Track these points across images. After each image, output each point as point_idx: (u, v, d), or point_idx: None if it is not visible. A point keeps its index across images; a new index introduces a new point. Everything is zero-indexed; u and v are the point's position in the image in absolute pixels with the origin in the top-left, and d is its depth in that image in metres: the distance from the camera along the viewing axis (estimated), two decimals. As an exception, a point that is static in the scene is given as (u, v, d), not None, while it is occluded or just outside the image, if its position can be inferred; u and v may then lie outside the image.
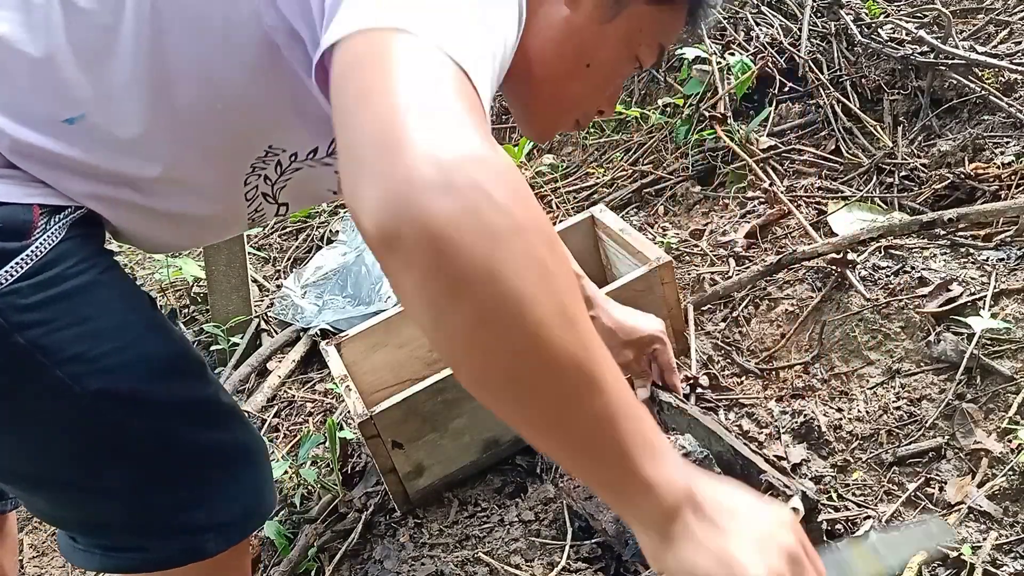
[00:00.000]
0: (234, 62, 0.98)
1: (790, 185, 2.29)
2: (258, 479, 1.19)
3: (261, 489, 1.19)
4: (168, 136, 1.02)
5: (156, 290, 2.95)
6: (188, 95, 0.99)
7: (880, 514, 1.46)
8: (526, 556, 1.60)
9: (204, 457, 1.11)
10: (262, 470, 1.19)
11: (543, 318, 0.63)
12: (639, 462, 0.73)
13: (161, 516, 1.11)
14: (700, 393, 1.80)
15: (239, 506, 1.16)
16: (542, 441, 0.72)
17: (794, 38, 2.60)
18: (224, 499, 1.14)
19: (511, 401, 0.68)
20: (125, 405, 1.02)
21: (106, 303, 1.02)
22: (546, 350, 0.64)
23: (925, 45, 2.30)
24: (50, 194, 1.01)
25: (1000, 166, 1.99)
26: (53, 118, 0.98)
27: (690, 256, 2.22)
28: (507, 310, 0.62)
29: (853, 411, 1.66)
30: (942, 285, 1.74)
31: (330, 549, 1.78)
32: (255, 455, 1.18)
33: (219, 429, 1.13)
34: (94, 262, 1.02)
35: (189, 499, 1.11)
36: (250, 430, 1.19)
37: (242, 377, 2.46)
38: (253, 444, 1.18)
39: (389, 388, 1.86)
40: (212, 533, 1.13)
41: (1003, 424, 1.51)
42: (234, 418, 1.16)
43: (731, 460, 1.42)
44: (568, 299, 0.66)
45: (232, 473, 1.15)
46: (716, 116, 2.52)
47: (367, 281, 2.58)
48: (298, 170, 1.13)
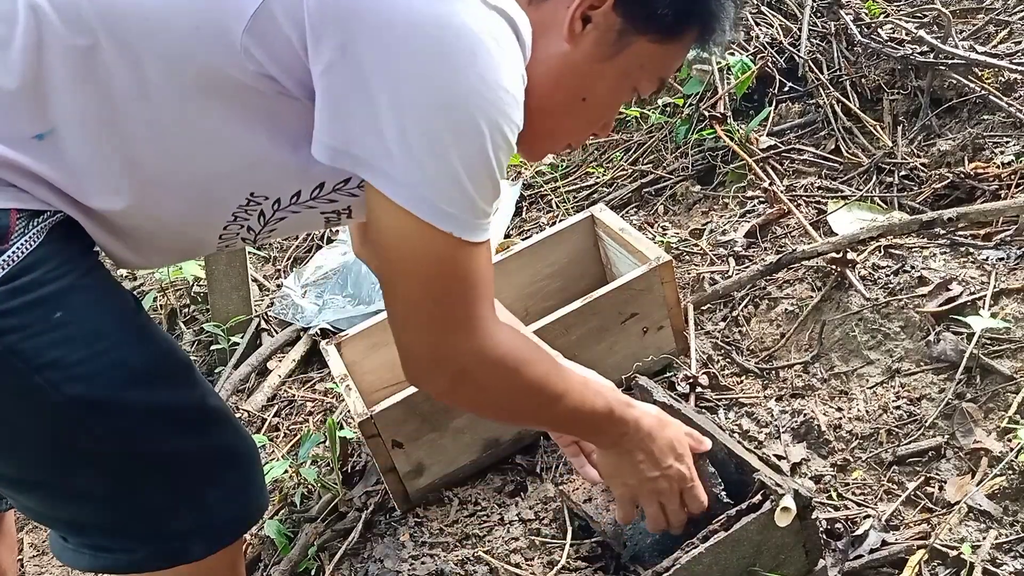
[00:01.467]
0: (206, 112, 1.00)
1: (790, 185, 2.29)
2: (244, 483, 1.17)
3: (248, 493, 1.18)
4: (136, 178, 1.03)
5: (156, 290, 2.95)
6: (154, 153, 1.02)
7: (880, 513, 1.46)
8: (526, 555, 1.60)
9: (184, 462, 1.11)
10: (249, 474, 1.18)
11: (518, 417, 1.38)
12: (599, 429, 1.29)
13: (143, 520, 1.11)
14: (700, 393, 1.80)
15: (224, 510, 1.15)
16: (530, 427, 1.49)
17: (794, 38, 2.60)
18: (207, 503, 1.13)
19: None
20: (102, 411, 1.02)
21: (84, 308, 1.01)
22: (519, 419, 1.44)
23: (925, 45, 2.30)
24: (28, 199, 1.00)
25: (1000, 165, 1.99)
26: (24, 135, 0.98)
27: (690, 255, 2.22)
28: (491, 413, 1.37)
29: (853, 410, 1.66)
30: (942, 285, 1.74)
31: (330, 548, 1.78)
32: (240, 459, 1.17)
33: (200, 434, 1.12)
34: (73, 266, 1.02)
35: (170, 503, 1.11)
36: (237, 434, 1.17)
37: (242, 377, 2.46)
38: (239, 448, 1.17)
39: (389, 388, 1.86)
40: (197, 537, 1.13)
41: (1003, 423, 1.51)
42: (218, 422, 1.15)
43: (725, 459, 1.43)
44: (532, 405, 1.20)
45: (214, 478, 1.14)
46: (716, 116, 2.52)
47: (367, 280, 2.58)
48: (282, 219, 1.14)
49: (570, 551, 1.57)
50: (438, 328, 1.05)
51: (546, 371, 1.16)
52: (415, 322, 1.06)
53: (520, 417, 1.34)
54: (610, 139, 2.85)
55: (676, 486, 1.34)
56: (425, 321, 1.06)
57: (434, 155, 0.95)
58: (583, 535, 1.60)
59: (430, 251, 1.00)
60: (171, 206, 1.07)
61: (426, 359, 1.08)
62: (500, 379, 1.12)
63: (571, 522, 1.61)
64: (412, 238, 0.99)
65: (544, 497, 1.71)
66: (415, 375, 1.11)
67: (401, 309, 1.07)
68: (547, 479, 1.74)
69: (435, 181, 0.96)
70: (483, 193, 0.99)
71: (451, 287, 1.03)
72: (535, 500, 1.71)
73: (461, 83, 0.94)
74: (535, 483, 1.75)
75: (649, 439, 1.31)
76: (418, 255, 1.01)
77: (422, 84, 0.93)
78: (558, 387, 1.18)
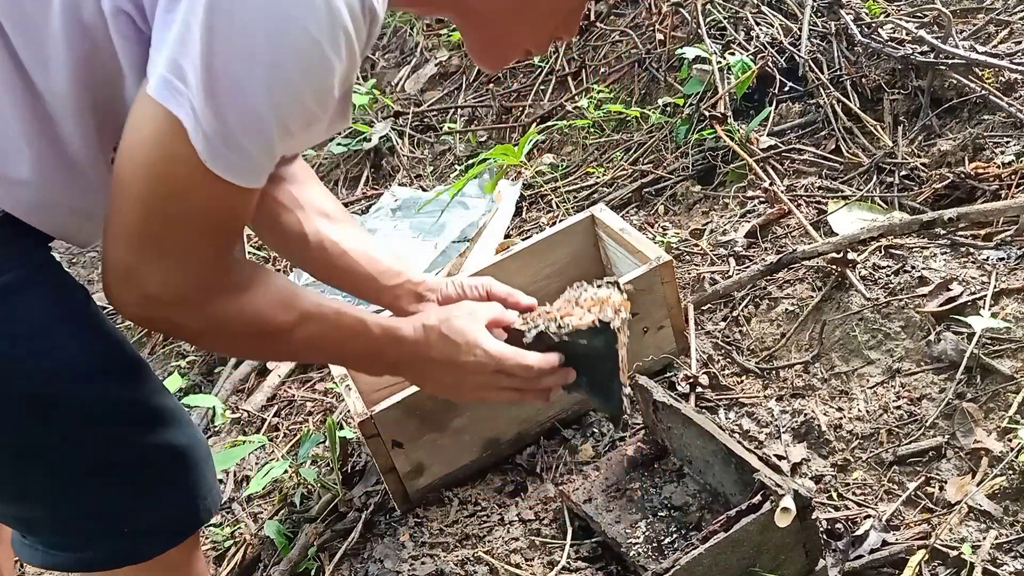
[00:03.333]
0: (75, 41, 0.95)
1: (790, 184, 2.29)
2: (193, 483, 1.16)
3: (197, 492, 1.17)
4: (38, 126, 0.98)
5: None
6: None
7: (880, 513, 1.46)
8: (526, 555, 1.60)
9: (130, 461, 1.10)
10: (197, 474, 1.17)
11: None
12: (363, 355, 1.26)
13: (90, 519, 1.10)
14: (700, 393, 1.80)
15: (173, 509, 1.14)
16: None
17: (794, 38, 2.59)
18: (155, 503, 1.13)
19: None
20: (44, 410, 1.01)
21: (28, 306, 1.00)
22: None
23: (925, 45, 2.29)
24: None
25: (1000, 165, 1.99)
26: None
27: (690, 255, 2.22)
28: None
29: (853, 410, 1.66)
30: (942, 284, 1.74)
31: (330, 548, 1.78)
32: (189, 459, 1.15)
33: (147, 432, 1.11)
34: (20, 261, 1.01)
35: (117, 503, 1.10)
36: (186, 433, 1.16)
37: (242, 376, 2.46)
38: (187, 447, 1.15)
39: (389, 387, 1.86)
40: (146, 536, 1.12)
41: (1003, 423, 1.51)
42: (166, 421, 1.13)
43: (725, 459, 1.43)
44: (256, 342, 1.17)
45: (162, 477, 1.13)
46: (716, 116, 2.52)
47: (367, 281, 2.58)
48: None
49: (570, 551, 1.57)
50: (140, 245, 0.98)
51: (264, 307, 1.10)
52: (123, 231, 0.98)
53: (236, 351, 1.37)
54: (610, 139, 2.85)
55: (491, 373, 1.26)
56: (133, 233, 0.98)
57: (227, 80, 0.90)
58: (583, 535, 1.60)
59: (171, 168, 0.94)
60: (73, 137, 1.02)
61: (122, 272, 1.00)
62: (195, 318, 1.05)
63: (571, 522, 1.61)
64: (160, 143, 0.93)
65: (544, 497, 1.71)
66: (106, 283, 1.02)
67: (116, 217, 0.98)
68: (547, 479, 1.74)
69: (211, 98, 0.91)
70: (251, 134, 0.94)
71: (176, 208, 0.96)
72: (535, 500, 1.71)
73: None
74: (535, 483, 1.75)
75: (426, 346, 1.25)
76: (154, 161, 0.94)
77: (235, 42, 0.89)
78: (280, 321, 1.12)
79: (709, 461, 1.50)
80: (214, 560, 1.93)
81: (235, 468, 2.15)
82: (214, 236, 1.02)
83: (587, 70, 3.26)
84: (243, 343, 1.18)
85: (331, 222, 1.42)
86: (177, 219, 0.97)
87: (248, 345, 1.20)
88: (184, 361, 2.68)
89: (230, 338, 1.13)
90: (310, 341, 1.17)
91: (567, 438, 1.81)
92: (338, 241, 1.42)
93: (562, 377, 1.32)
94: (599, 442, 1.78)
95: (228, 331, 1.10)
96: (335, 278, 1.47)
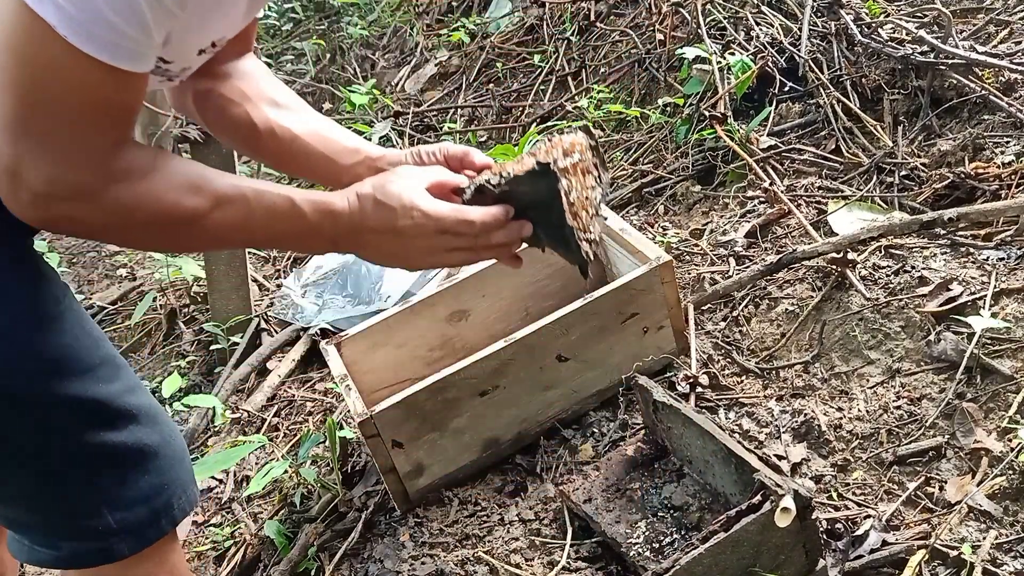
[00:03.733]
0: None
1: (790, 184, 2.29)
2: (167, 481, 1.15)
3: (171, 491, 1.15)
4: None
5: (156, 290, 2.95)
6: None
7: (880, 513, 1.46)
8: (526, 555, 1.60)
9: (103, 459, 1.09)
10: (168, 471, 1.16)
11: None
12: (293, 235, 1.17)
13: (63, 518, 1.10)
14: (700, 392, 1.80)
15: (144, 508, 1.13)
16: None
17: (794, 38, 2.60)
18: (128, 502, 1.12)
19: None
20: (15, 405, 1.01)
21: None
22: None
23: (925, 45, 2.29)
24: None
25: (1000, 165, 1.99)
26: None
27: (690, 255, 2.22)
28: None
29: (853, 410, 1.66)
30: (942, 284, 1.74)
31: (330, 548, 1.78)
32: (156, 457, 1.14)
33: (119, 430, 1.10)
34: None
35: (90, 501, 1.10)
36: (156, 430, 1.14)
37: (242, 376, 2.46)
38: (157, 445, 1.14)
39: (389, 388, 1.86)
40: (120, 535, 1.12)
41: (1003, 423, 1.51)
42: (140, 419, 1.12)
43: (725, 459, 1.43)
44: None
45: (136, 476, 1.12)
46: (716, 116, 2.52)
47: (367, 281, 2.58)
48: None
49: (570, 551, 1.57)
50: (22, 136, 0.94)
51: (170, 192, 1.05)
52: (1, 124, 0.93)
53: (149, 244, 1.36)
54: (610, 139, 2.85)
55: (433, 234, 1.18)
56: (10, 124, 0.93)
57: None
58: (583, 535, 1.60)
59: (37, 49, 0.89)
60: None
61: (9, 171, 0.95)
62: (94, 212, 1.00)
63: (571, 522, 1.61)
64: (22, 24, 0.88)
65: (544, 497, 1.71)
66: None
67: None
68: (547, 479, 1.74)
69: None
70: (117, 6, 0.89)
71: (50, 93, 0.92)
72: (535, 500, 1.71)
73: None
74: (535, 483, 1.75)
75: (362, 215, 1.17)
76: (21, 44, 0.90)
77: None
78: (190, 206, 1.05)
79: (709, 461, 1.50)
80: (214, 560, 1.93)
81: (235, 468, 2.15)
82: (98, 124, 0.97)
83: (587, 70, 3.27)
84: (154, 234, 1.10)
85: (280, 109, 1.34)
86: (53, 106, 0.93)
87: (160, 236, 1.11)
88: (184, 361, 2.68)
89: (140, 229, 1.06)
90: (230, 225, 1.10)
91: (567, 438, 1.81)
92: (289, 126, 1.33)
93: (515, 231, 1.23)
94: (599, 442, 1.78)
95: (134, 222, 1.04)
96: (291, 165, 1.40)
